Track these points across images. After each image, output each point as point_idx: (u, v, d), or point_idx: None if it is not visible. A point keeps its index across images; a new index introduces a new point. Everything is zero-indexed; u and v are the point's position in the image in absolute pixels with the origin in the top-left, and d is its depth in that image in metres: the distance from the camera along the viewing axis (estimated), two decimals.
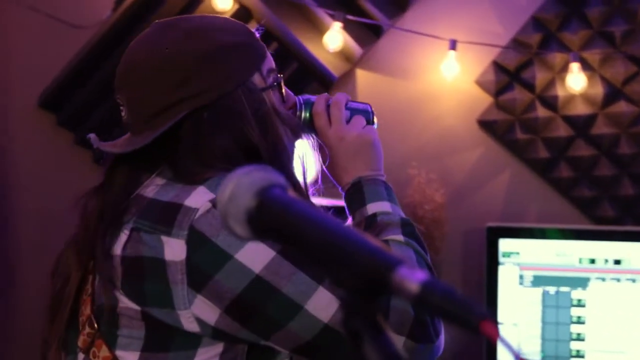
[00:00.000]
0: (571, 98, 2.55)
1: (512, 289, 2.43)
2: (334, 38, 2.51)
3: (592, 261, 2.41)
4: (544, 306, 2.42)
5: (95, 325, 1.16)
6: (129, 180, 1.20)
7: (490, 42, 2.55)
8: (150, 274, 1.10)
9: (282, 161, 1.21)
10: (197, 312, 1.09)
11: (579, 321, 2.40)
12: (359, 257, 0.65)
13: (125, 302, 1.12)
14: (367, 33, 2.63)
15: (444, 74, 2.55)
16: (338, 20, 2.49)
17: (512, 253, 2.43)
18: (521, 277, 2.42)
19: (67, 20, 2.60)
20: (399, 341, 1.11)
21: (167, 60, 1.17)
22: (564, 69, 2.53)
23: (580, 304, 2.40)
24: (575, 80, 2.49)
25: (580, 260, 2.41)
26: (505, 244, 2.44)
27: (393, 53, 2.65)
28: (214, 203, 1.08)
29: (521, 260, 2.43)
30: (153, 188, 1.16)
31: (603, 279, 2.40)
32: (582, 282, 2.41)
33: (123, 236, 1.13)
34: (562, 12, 2.54)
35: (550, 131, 2.57)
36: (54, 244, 2.71)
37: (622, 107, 2.52)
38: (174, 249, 1.09)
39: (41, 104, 2.66)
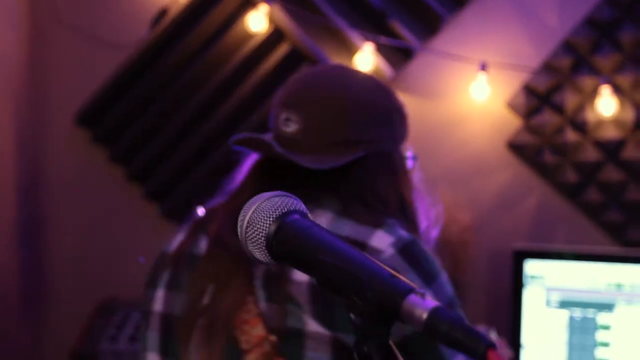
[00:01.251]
0: (601, 122, 2.55)
1: (538, 312, 2.43)
2: (365, 60, 2.54)
3: (619, 285, 2.41)
4: (570, 329, 2.41)
5: (274, 346, 1.20)
6: None
7: (520, 64, 2.56)
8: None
9: (416, 214, 1.37)
10: None
11: (605, 345, 2.40)
12: (371, 283, 0.68)
13: (314, 327, 1.18)
14: (397, 55, 2.66)
15: (474, 96, 2.57)
16: (369, 41, 2.52)
17: (538, 276, 2.44)
18: (547, 299, 2.42)
19: (104, 39, 2.66)
20: None
21: (360, 103, 1.31)
22: (595, 92, 2.54)
23: (605, 328, 2.40)
24: (606, 104, 2.49)
25: (606, 284, 2.41)
26: (531, 267, 2.44)
27: (423, 75, 2.68)
28: (395, 247, 1.22)
29: (547, 283, 2.43)
30: (325, 220, 1.24)
31: (630, 303, 2.40)
32: (609, 306, 2.40)
33: None
34: (594, 36, 2.55)
35: (579, 155, 2.57)
36: (89, 258, 2.78)
37: None
38: None
39: (78, 120, 2.73)
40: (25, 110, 2.67)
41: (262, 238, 0.77)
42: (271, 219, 0.77)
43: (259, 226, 0.78)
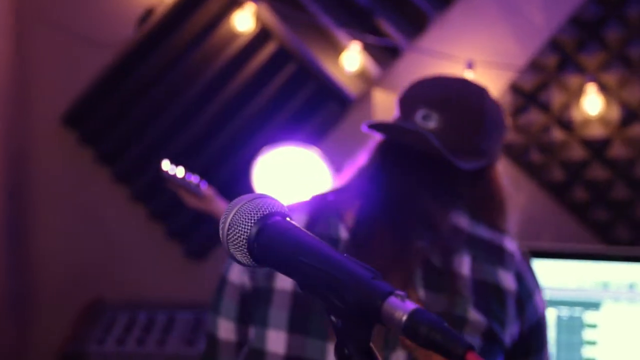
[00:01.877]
0: (587, 120, 2.55)
1: None
2: (352, 59, 2.54)
3: (606, 283, 2.41)
4: (557, 328, 2.42)
5: None
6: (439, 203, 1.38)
7: (507, 62, 2.56)
8: (494, 296, 1.33)
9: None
10: (514, 330, 1.34)
11: (591, 343, 2.40)
12: (351, 285, 0.68)
13: (474, 316, 1.31)
14: (384, 53, 2.66)
15: None
16: (356, 40, 2.52)
17: None
18: None
19: (90, 38, 2.65)
20: None
21: (492, 117, 1.41)
22: (581, 91, 2.54)
23: (592, 326, 2.40)
24: (592, 103, 2.50)
25: (593, 283, 2.42)
26: None
27: (410, 73, 2.67)
28: (519, 251, 1.42)
29: None
30: (463, 221, 1.38)
31: (616, 302, 2.40)
32: (595, 305, 2.41)
33: (466, 259, 1.33)
34: (580, 34, 2.55)
35: (566, 153, 2.58)
36: (76, 259, 2.76)
37: (638, 129, 2.53)
38: (508, 280, 1.36)
39: (64, 120, 2.71)
40: (10, 111, 2.65)
41: (244, 240, 0.76)
42: (252, 221, 0.76)
43: (240, 228, 0.77)
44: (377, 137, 1.43)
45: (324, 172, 2.49)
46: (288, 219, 0.77)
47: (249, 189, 2.34)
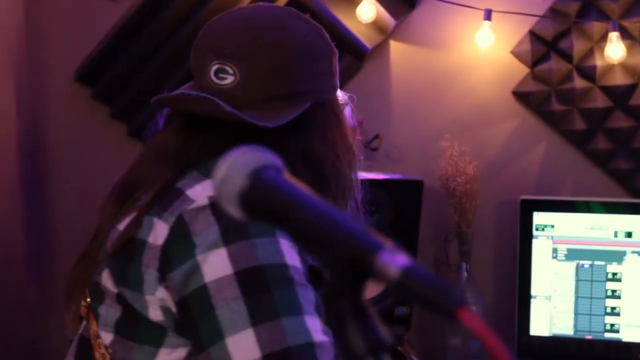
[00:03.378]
0: (610, 68, 2.49)
1: (546, 263, 2.40)
2: (367, 9, 2.49)
3: (629, 234, 2.37)
4: (578, 280, 2.39)
5: (88, 299, 1.19)
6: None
7: (526, 12, 2.50)
8: (134, 256, 1.11)
9: (348, 178, 1.23)
10: (161, 297, 1.09)
11: (614, 295, 2.37)
12: (342, 240, 0.65)
13: (106, 280, 1.14)
14: (400, 4, 2.60)
15: (479, 44, 2.51)
16: None
17: (546, 226, 2.40)
18: (555, 250, 2.39)
19: None
20: None
21: (305, 49, 1.19)
22: (603, 38, 2.48)
23: (615, 278, 2.37)
24: (614, 49, 2.43)
25: (616, 234, 2.38)
26: (539, 217, 2.41)
27: (427, 24, 2.62)
28: (212, 201, 1.08)
29: (555, 233, 2.40)
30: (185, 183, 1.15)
31: (639, 253, 2.36)
32: (618, 256, 2.37)
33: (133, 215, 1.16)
34: None
35: (587, 102, 2.52)
36: (90, 217, 2.76)
37: None
38: (158, 232, 1.10)
39: (77, 78, 2.69)
40: (23, 69, 2.63)
41: (236, 195, 0.74)
42: (244, 175, 0.74)
43: (233, 182, 0.75)
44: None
45: None
46: (282, 171, 0.75)
47: None
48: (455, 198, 2.46)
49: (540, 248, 2.40)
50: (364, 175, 2.36)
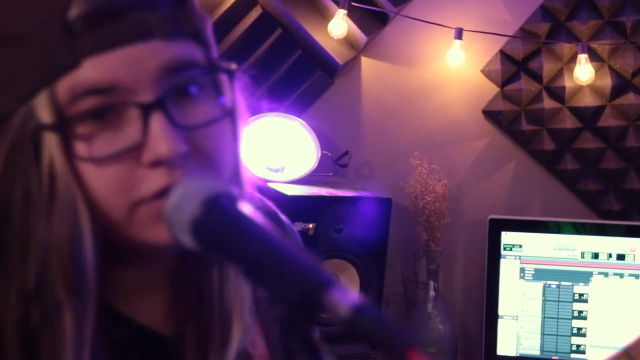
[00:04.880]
0: (579, 89, 2.50)
1: (514, 282, 2.40)
2: (338, 25, 2.48)
3: (595, 256, 2.38)
4: (545, 300, 2.39)
5: None
6: None
7: (497, 31, 2.51)
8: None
9: None
10: None
11: (581, 316, 2.37)
12: (293, 274, 0.64)
13: None
14: (372, 20, 2.60)
15: (450, 63, 2.51)
16: (342, 7, 2.46)
17: (514, 246, 2.41)
18: (522, 270, 2.39)
19: None
20: None
21: None
22: (572, 59, 2.49)
23: (582, 299, 2.37)
24: (583, 71, 2.44)
25: (583, 255, 2.38)
26: (507, 237, 2.41)
27: (398, 41, 2.62)
28: None
29: (523, 253, 2.40)
30: None
31: (606, 274, 2.37)
32: (585, 277, 2.37)
33: None
34: (572, 1, 2.49)
35: (556, 122, 2.53)
36: None
37: (630, 99, 2.48)
38: None
39: None
40: None
41: (188, 222, 0.73)
42: (199, 202, 0.73)
43: (185, 209, 0.74)
44: None
45: (308, 143, 2.45)
46: (236, 200, 0.73)
47: None
48: (424, 216, 2.46)
49: (507, 268, 2.40)
50: (333, 192, 2.36)
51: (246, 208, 0.72)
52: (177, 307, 0.89)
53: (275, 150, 2.42)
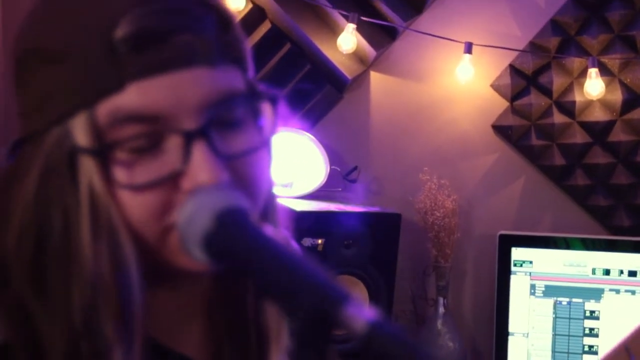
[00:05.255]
0: (589, 104, 2.49)
1: (524, 299, 2.38)
2: (348, 40, 2.48)
3: (607, 272, 2.36)
4: (556, 317, 2.36)
5: None
6: None
7: (507, 46, 2.50)
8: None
9: None
10: None
11: (592, 334, 2.35)
12: (308, 288, 0.63)
13: None
14: (381, 35, 2.59)
15: (459, 78, 2.50)
16: (352, 21, 2.45)
17: (524, 262, 2.38)
18: (533, 286, 2.37)
19: None
20: None
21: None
22: (583, 73, 2.48)
23: (593, 316, 2.35)
24: (594, 85, 2.43)
25: (594, 271, 2.36)
26: (517, 253, 2.39)
27: (408, 55, 2.61)
28: None
29: (533, 269, 2.38)
30: None
31: (617, 291, 2.35)
32: (596, 294, 2.35)
33: None
34: (582, 15, 2.48)
35: (566, 137, 2.51)
36: None
37: None
38: None
39: None
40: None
41: (201, 236, 0.72)
42: (212, 216, 0.72)
43: (198, 222, 0.72)
44: None
45: (317, 158, 2.44)
46: (248, 214, 0.72)
47: None
48: (433, 232, 2.44)
49: (518, 284, 2.38)
50: (342, 207, 2.34)
51: (258, 223, 0.71)
52: (214, 333, 0.86)
53: (284, 165, 2.41)
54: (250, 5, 2.57)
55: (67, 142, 0.72)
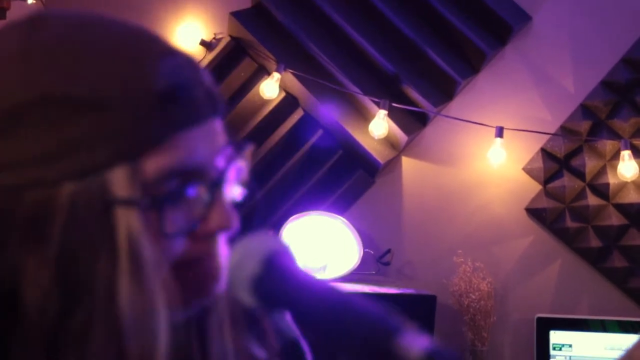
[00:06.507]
0: (623, 185, 2.48)
1: None
2: (379, 125, 2.51)
3: None
4: None
5: None
6: None
7: (537, 129, 2.52)
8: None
9: None
10: None
11: None
12: (362, 322, 0.63)
13: None
14: (413, 120, 2.63)
15: (491, 161, 2.52)
16: (383, 107, 2.49)
17: (563, 345, 2.34)
18: None
19: None
20: None
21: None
22: (615, 156, 2.48)
23: None
24: (627, 167, 2.43)
25: None
26: (556, 336, 2.35)
27: (439, 140, 2.64)
28: None
29: (573, 353, 2.33)
30: None
31: None
32: None
33: None
34: (612, 99, 2.50)
35: (601, 220, 2.50)
36: None
37: None
38: None
39: None
40: None
41: (249, 280, 0.72)
42: (259, 260, 0.72)
43: (246, 267, 0.73)
44: None
45: (350, 241, 2.44)
46: (293, 257, 0.73)
47: None
48: (469, 315, 2.41)
49: None
50: (376, 289, 2.33)
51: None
52: None
53: (318, 249, 2.41)
54: (283, 94, 2.63)
55: (99, 193, 0.66)
